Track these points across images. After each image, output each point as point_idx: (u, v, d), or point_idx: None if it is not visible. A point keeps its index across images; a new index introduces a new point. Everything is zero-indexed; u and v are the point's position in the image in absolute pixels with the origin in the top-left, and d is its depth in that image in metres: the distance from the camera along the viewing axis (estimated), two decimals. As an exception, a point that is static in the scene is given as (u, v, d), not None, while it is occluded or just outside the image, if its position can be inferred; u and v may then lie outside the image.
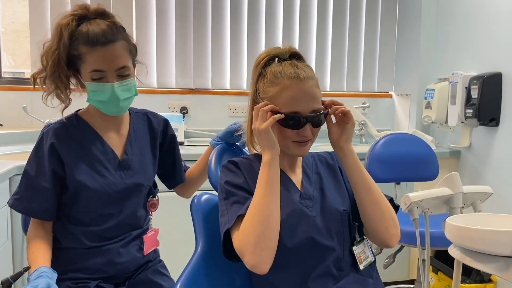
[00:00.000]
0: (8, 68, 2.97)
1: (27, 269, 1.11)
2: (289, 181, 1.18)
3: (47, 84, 1.21)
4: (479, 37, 2.60)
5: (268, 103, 1.11)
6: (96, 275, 1.25)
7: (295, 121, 1.09)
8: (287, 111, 1.10)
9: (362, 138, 3.09)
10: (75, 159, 1.23)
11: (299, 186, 1.19)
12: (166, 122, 1.43)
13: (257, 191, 1.06)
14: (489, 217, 1.22)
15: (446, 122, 2.79)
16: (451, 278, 2.42)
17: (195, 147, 2.62)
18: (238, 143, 1.42)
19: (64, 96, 1.24)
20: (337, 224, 1.13)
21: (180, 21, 2.98)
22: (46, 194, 1.21)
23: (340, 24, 3.22)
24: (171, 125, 1.46)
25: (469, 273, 2.42)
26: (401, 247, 2.21)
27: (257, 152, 1.25)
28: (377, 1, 3.25)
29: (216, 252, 1.15)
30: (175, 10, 2.96)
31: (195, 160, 1.55)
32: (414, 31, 3.10)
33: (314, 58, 3.16)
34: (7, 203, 1.26)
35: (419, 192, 1.42)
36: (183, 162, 1.51)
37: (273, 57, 1.17)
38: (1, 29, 2.88)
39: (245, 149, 1.45)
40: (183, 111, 3.01)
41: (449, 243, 1.24)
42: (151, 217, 1.40)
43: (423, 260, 1.48)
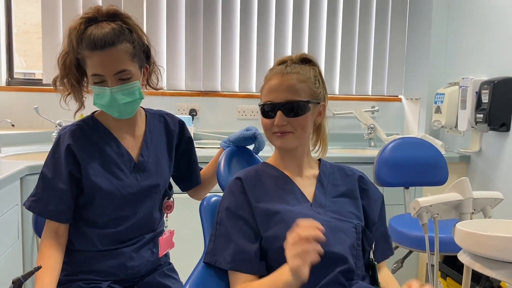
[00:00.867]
0: (20, 69, 3.00)
1: (38, 268, 1.12)
2: (296, 189, 1.18)
3: (61, 86, 1.24)
4: (490, 42, 2.58)
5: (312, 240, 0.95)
6: (107, 277, 1.26)
7: (267, 109, 1.15)
8: (264, 100, 1.17)
9: (371, 142, 3.08)
10: (91, 161, 1.24)
11: (308, 194, 1.18)
12: (182, 124, 1.43)
13: (272, 283, 1.03)
14: (499, 223, 1.21)
15: (456, 126, 2.77)
16: (460, 284, 2.40)
17: (204, 149, 2.63)
18: (250, 147, 1.43)
19: (77, 99, 1.25)
20: (350, 236, 1.12)
21: (190, 24, 3.00)
22: (62, 196, 1.22)
23: (349, 27, 3.22)
24: None
25: (478, 279, 2.40)
26: (409, 252, 2.20)
27: (265, 161, 1.26)
28: (387, 4, 3.25)
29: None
30: (185, 13, 2.98)
31: (203, 162, 1.56)
32: (424, 35, 3.09)
33: (323, 61, 3.16)
34: (23, 205, 1.27)
35: (428, 197, 1.41)
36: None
37: (283, 62, 1.21)
38: (14, 31, 2.92)
39: (257, 155, 1.46)
40: (192, 113, 3.02)
41: (458, 248, 1.23)
42: (166, 219, 1.41)
43: (432, 266, 1.47)
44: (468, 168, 2.76)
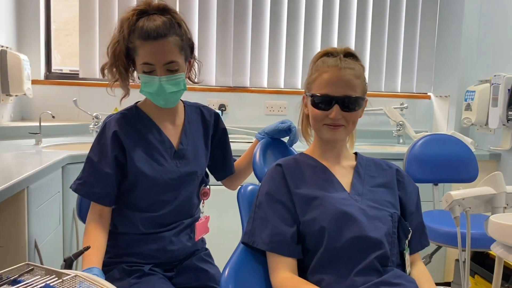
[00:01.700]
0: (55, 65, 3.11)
1: (87, 248, 1.19)
2: (333, 178, 1.21)
3: (110, 73, 1.30)
4: (523, 39, 2.55)
5: None
6: (149, 260, 1.31)
7: (324, 101, 1.16)
8: (320, 93, 1.17)
9: (400, 139, 3.08)
10: (135, 147, 1.30)
11: (346, 184, 1.21)
12: (217, 115, 1.49)
13: None
14: (533, 217, 1.22)
15: (487, 124, 2.75)
16: (489, 281, 2.39)
17: (232, 143, 2.67)
18: (285, 139, 1.48)
19: (123, 86, 1.31)
20: (386, 224, 1.15)
21: (221, 21, 3.06)
22: (107, 180, 1.28)
23: (379, 24, 3.22)
24: None
25: (507, 278, 2.39)
26: (438, 247, 2.20)
27: (303, 152, 1.30)
28: (417, 0, 3.23)
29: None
30: (217, 11, 3.05)
31: (233, 155, 1.60)
32: (455, 31, 3.07)
33: (352, 58, 3.17)
34: (69, 187, 1.34)
35: (461, 191, 1.42)
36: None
37: (327, 53, 1.22)
38: (53, 27, 3.03)
39: (291, 148, 1.50)
40: (222, 108, 3.08)
41: (488, 244, 1.25)
42: (203, 205, 1.46)
43: (463, 261, 1.48)
44: (498, 166, 2.73)
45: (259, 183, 1.38)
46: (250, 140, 2.74)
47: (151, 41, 1.22)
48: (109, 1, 2.92)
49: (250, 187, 1.33)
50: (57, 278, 0.88)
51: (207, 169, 1.48)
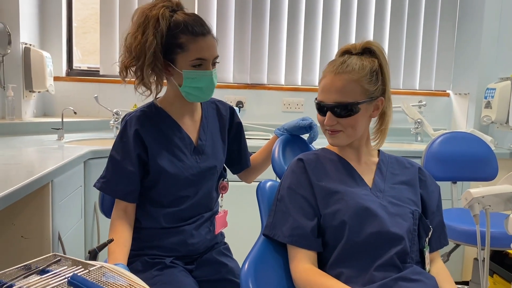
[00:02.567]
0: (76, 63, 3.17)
1: (110, 241, 1.21)
2: (355, 173, 1.22)
3: (145, 73, 1.25)
4: (546, 35, 2.51)
5: None
6: (170, 253, 1.34)
7: (319, 108, 1.20)
8: (317, 99, 1.20)
9: (418, 136, 3.06)
10: (156, 144, 1.32)
11: (367, 180, 1.22)
12: (232, 110, 1.50)
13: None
14: (554, 215, 1.21)
15: (507, 122, 2.72)
16: (508, 281, 2.37)
17: (250, 140, 2.69)
18: (305, 137, 1.49)
19: (157, 83, 1.30)
20: (407, 221, 1.15)
21: (239, 19, 3.07)
22: (131, 177, 1.30)
23: (398, 20, 3.20)
24: None
25: (526, 277, 2.36)
26: (457, 245, 2.19)
27: (324, 147, 1.30)
28: (437, -2, 3.21)
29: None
30: (235, 9, 3.06)
31: (250, 152, 1.62)
32: (475, 27, 3.03)
33: (370, 55, 3.16)
34: (93, 186, 1.36)
35: (481, 188, 1.41)
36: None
37: (345, 51, 1.22)
38: (74, 24, 3.08)
39: (311, 145, 1.51)
40: (239, 105, 3.10)
41: (508, 243, 1.24)
42: (221, 199, 1.49)
43: (483, 260, 1.47)
44: (519, 164, 2.70)
45: (276, 178, 1.40)
46: (267, 137, 2.75)
47: (202, 37, 1.25)
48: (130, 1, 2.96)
49: (269, 183, 1.34)
50: (83, 269, 0.90)
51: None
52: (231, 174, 1.57)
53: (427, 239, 1.19)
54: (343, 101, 1.15)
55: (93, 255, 1.18)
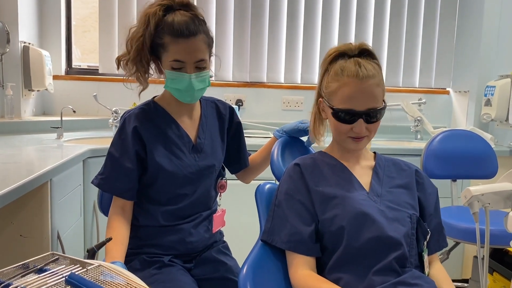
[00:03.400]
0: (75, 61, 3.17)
1: (109, 239, 1.21)
2: (353, 177, 1.21)
3: (129, 66, 1.29)
4: (546, 33, 2.50)
5: None
6: (168, 251, 1.34)
7: (348, 116, 1.14)
8: (343, 107, 1.14)
9: (418, 134, 3.06)
10: (154, 142, 1.32)
11: (365, 184, 1.21)
12: (231, 109, 1.50)
13: None
14: (554, 213, 1.21)
15: (507, 120, 2.71)
16: (507, 279, 2.37)
17: (249, 138, 2.70)
18: (303, 139, 1.48)
19: (143, 80, 1.32)
20: (405, 225, 1.15)
21: (239, 17, 3.07)
22: (129, 174, 1.30)
23: (397, 18, 3.19)
24: None
25: (526, 275, 2.36)
26: (456, 243, 2.19)
27: (322, 150, 1.29)
28: (436, -5, 3.20)
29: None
30: (234, 6, 3.06)
31: (250, 150, 1.61)
32: (475, 25, 3.02)
33: (370, 53, 3.15)
34: (91, 182, 1.36)
35: (480, 186, 1.41)
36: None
37: (341, 53, 1.18)
38: (73, 23, 3.08)
39: (310, 148, 1.50)
40: (239, 103, 3.10)
41: (507, 241, 1.24)
42: (220, 198, 1.49)
43: (482, 258, 1.47)
44: (519, 162, 2.69)
45: (275, 180, 1.39)
46: (266, 135, 2.75)
47: (183, 39, 1.23)
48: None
49: (268, 186, 1.33)
50: (81, 268, 0.90)
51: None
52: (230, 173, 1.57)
53: (425, 243, 1.18)
54: (375, 106, 1.14)
55: (91, 253, 1.18)
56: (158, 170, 1.31)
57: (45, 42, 2.93)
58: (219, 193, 1.47)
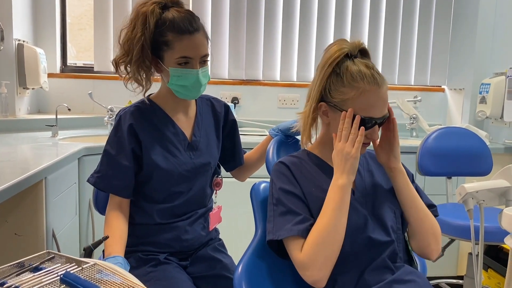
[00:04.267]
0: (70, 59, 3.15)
1: (106, 238, 1.21)
2: None
3: (132, 68, 1.27)
4: (540, 31, 2.52)
5: (357, 127, 1.10)
6: (164, 249, 1.34)
7: (369, 124, 1.12)
8: (363, 115, 1.11)
9: (413, 132, 3.07)
10: (150, 140, 1.32)
11: None
12: (227, 107, 1.50)
13: (330, 213, 1.07)
14: (548, 210, 1.21)
15: (502, 117, 2.73)
16: (502, 275, 2.38)
17: (245, 136, 2.70)
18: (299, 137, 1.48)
19: (146, 79, 1.31)
20: (391, 220, 1.16)
21: (234, 15, 3.06)
22: (126, 172, 1.29)
23: (393, 15, 3.20)
24: None
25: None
26: (451, 240, 2.20)
27: (305, 149, 1.26)
28: (432, -7, 3.20)
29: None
30: (230, 4, 3.05)
31: (245, 148, 1.61)
32: (470, 22, 3.03)
33: (366, 50, 3.16)
34: (87, 181, 1.35)
35: (475, 183, 1.42)
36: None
37: (346, 55, 1.14)
38: (68, 21, 3.06)
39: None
40: (234, 101, 3.10)
41: (502, 238, 1.25)
42: (215, 195, 1.49)
43: (477, 255, 1.48)
44: (514, 159, 2.71)
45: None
46: (262, 133, 2.75)
47: (188, 35, 1.24)
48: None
49: (263, 185, 1.33)
50: (77, 266, 0.90)
51: None
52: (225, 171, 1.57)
53: (406, 234, 1.21)
54: (387, 113, 1.15)
55: (88, 252, 1.17)
56: (154, 168, 1.31)
57: (40, 40, 2.92)
58: (214, 191, 1.47)
